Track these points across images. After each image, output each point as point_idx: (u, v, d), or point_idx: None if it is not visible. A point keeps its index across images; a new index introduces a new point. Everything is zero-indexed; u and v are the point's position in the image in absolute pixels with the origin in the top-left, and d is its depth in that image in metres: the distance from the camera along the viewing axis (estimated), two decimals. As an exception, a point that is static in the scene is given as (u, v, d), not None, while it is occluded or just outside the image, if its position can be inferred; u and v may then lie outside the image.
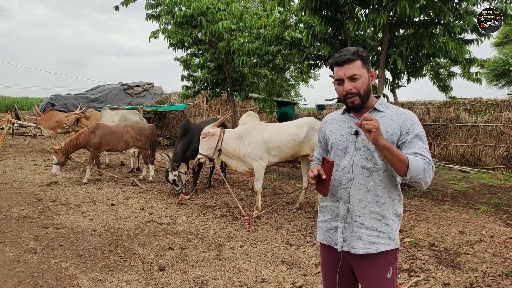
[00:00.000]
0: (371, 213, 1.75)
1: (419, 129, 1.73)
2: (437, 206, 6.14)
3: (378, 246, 1.73)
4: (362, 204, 1.75)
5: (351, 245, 1.76)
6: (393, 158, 1.59)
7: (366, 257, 1.75)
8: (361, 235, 1.75)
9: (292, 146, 5.40)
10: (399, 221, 1.82)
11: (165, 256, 3.89)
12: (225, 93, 10.88)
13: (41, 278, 3.36)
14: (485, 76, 23.24)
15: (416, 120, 1.76)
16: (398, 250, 1.82)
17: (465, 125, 10.52)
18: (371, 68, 1.83)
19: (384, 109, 1.81)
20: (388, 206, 1.76)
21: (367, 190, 1.75)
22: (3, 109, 28.64)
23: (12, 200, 5.99)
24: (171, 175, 6.36)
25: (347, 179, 1.78)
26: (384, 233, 1.74)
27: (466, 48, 5.96)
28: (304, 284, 3.32)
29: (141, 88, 23.68)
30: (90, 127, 7.66)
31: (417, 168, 1.59)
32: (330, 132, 1.91)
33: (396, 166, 1.60)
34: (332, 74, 1.87)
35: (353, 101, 1.77)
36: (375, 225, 1.74)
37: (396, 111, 1.80)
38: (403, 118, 1.75)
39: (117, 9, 8.55)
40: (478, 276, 3.51)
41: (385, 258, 1.76)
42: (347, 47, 1.82)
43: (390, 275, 1.76)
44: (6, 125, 14.16)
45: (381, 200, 1.75)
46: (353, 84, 1.74)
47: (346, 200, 1.78)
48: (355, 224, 1.76)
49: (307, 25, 6.68)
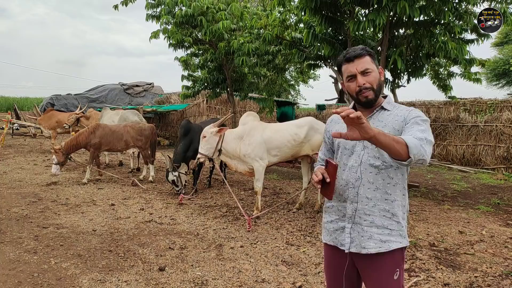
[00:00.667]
0: (381, 211, 1.73)
1: (419, 115, 1.70)
2: (437, 206, 6.14)
3: (390, 244, 1.71)
4: (371, 202, 1.73)
5: (361, 245, 1.73)
6: (389, 141, 1.46)
7: (374, 257, 1.72)
8: (372, 234, 1.72)
9: (292, 146, 5.40)
10: (407, 217, 1.81)
11: (165, 256, 3.89)
12: (225, 93, 10.88)
13: (41, 278, 3.36)
14: (485, 76, 23.26)
15: (420, 112, 1.73)
16: (405, 250, 1.80)
17: (465, 125, 10.52)
18: (378, 65, 1.81)
19: (391, 108, 1.79)
20: (398, 203, 1.74)
21: (376, 189, 1.73)
22: (3, 109, 28.65)
23: (12, 200, 5.99)
24: (171, 176, 6.35)
25: (355, 178, 1.75)
26: (395, 231, 1.73)
27: (466, 48, 5.96)
28: (304, 284, 3.32)
29: (141, 88, 23.68)
30: (90, 127, 7.66)
31: (416, 145, 1.51)
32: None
33: (396, 148, 1.48)
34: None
35: (367, 96, 1.73)
36: (385, 223, 1.72)
37: (403, 108, 1.79)
38: (408, 112, 1.74)
39: (117, 9, 8.54)
40: (478, 276, 3.51)
41: (393, 259, 1.73)
42: (353, 47, 1.81)
43: (397, 277, 1.74)
44: (6, 125, 14.16)
45: (391, 197, 1.73)
46: (366, 79, 1.72)
47: (354, 200, 1.75)
48: (365, 223, 1.73)
49: (307, 25, 6.68)
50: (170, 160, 6.39)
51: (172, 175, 6.34)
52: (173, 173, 6.34)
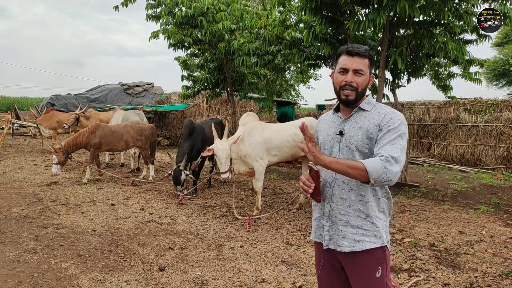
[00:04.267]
0: (356, 212, 1.75)
1: (395, 125, 1.69)
2: (437, 206, 6.14)
3: (363, 244, 1.73)
4: (346, 203, 1.76)
5: (337, 243, 1.78)
6: (343, 168, 1.58)
7: (353, 255, 1.75)
8: (346, 233, 1.76)
9: (291, 146, 5.40)
10: (386, 218, 1.81)
11: (165, 256, 3.89)
12: (225, 93, 10.88)
13: (41, 278, 3.36)
14: (485, 76, 23.27)
15: (396, 118, 1.72)
16: (387, 248, 1.80)
17: (465, 125, 10.52)
18: (372, 72, 1.85)
19: (370, 108, 1.80)
20: (373, 205, 1.76)
21: (350, 189, 1.76)
22: (3, 109, 28.63)
23: (12, 200, 5.99)
24: (183, 174, 6.25)
25: (331, 179, 1.80)
26: (369, 231, 1.75)
27: (466, 48, 5.96)
28: (304, 284, 3.32)
29: (141, 88, 23.69)
30: (90, 127, 7.66)
31: (376, 169, 1.55)
32: (320, 132, 1.94)
33: (352, 174, 1.59)
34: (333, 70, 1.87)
35: (348, 95, 1.76)
36: (359, 223, 1.75)
37: (380, 110, 1.78)
38: (383, 116, 1.73)
39: (117, 10, 8.55)
40: (478, 276, 3.51)
41: (373, 257, 1.75)
42: (358, 43, 1.82)
43: (379, 274, 1.75)
44: (6, 125, 14.16)
45: (365, 199, 1.75)
46: (355, 78, 1.74)
47: (330, 200, 1.80)
48: (340, 222, 1.78)
49: (307, 25, 6.68)
50: (185, 159, 6.28)
51: (184, 174, 6.26)
52: (185, 172, 6.27)
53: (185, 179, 6.33)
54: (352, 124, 1.80)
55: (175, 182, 6.32)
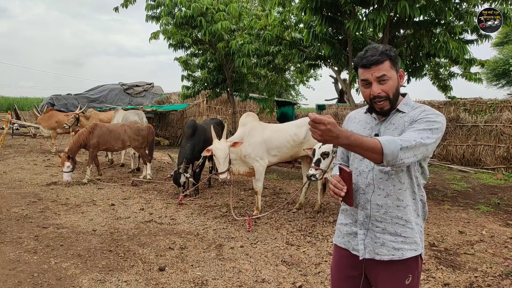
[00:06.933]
0: (393, 218, 1.65)
1: (432, 119, 1.56)
2: (437, 206, 6.14)
3: (403, 252, 1.64)
4: (382, 209, 1.66)
5: (375, 251, 1.67)
6: (355, 148, 1.43)
7: (386, 263, 1.66)
8: (384, 241, 1.66)
9: (291, 147, 5.40)
10: (422, 222, 1.73)
11: (165, 256, 3.89)
12: (225, 93, 10.89)
13: (41, 278, 3.36)
14: (485, 76, 23.24)
15: (435, 114, 1.59)
16: (421, 256, 1.70)
17: (465, 125, 10.52)
18: (399, 68, 1.69)
19: (408, 110, 1.67)
20: (411, 209, 1.66)
21: (387, 195, 1.65)
22: (3, 109, 28.63)
23: (12, 200, 5.99)
24: (183, 177, 6.25)
25: (365, 184, 1.69)
26: (409, 238, 1.65)
27: (467, 48, 5.96)
28: (304, 284, 3.32)
29: (141, 88, 23.68)
30: (88, 127, 7.66)
31: (393, 151, 1.42)
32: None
33: (364, 154, 1.45)
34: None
35: (383, 107, 1.64)
36: (399, 230, 1.65)
37: (420, 108, 1.65)
38: (421, 111, 1.62)
39: (117, 11, 8.55)
40: (478, 276, 3.51)
41: (405, 265, 1.65)
42: (373, 45, 1.66)
43: (409, 282, 1.66)
44: (6, 125, 14.15)
45: (403, 204, 1.65)
46: (381, 87, 1.61)
47: (365, 206, 1.69)
48: (377, 230, 1.67)
49: (307, 25, 6.68)
50: (184, 162, 6.26)
51: (184, 177, 6.26)
52: (185, 174, 6.27)
53: (185, 182, 6.34)
54: (387, 125, 1.69)
55: (176, 184, 6.38)
